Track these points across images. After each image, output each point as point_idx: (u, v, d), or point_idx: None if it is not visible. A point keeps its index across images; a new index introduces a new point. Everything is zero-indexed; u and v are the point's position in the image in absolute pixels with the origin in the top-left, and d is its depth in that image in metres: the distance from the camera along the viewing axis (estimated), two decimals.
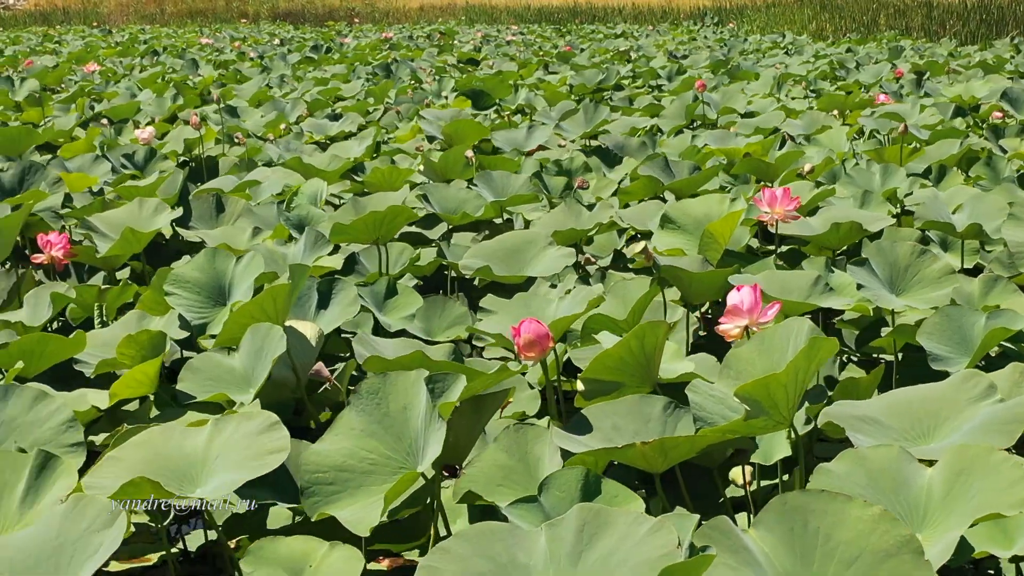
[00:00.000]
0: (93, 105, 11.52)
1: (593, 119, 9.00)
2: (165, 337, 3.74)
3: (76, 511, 2.22)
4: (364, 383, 2.89)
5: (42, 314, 4.49)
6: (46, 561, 2.17)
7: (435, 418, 2.76)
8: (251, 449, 2.82)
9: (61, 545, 2.19)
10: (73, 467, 2.66)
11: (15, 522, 2.62)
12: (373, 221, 5.04)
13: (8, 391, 3.24)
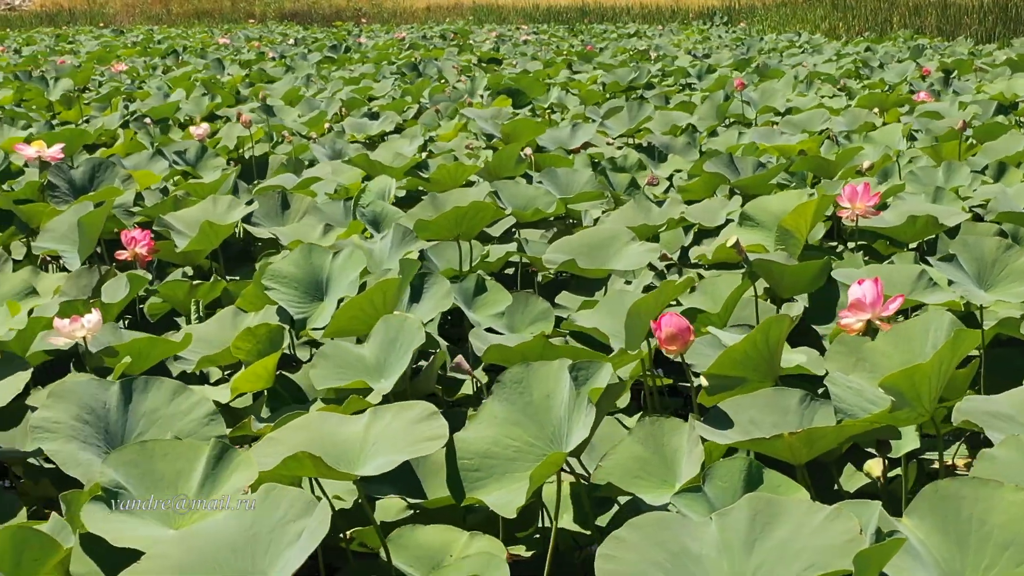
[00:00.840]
0: (127, 104, 11.54)
1: (637, 117, 9.03)
2: (284, 331, 3.77)
3: (268, 500, 2.25)
4: (507, 373, 2.92)
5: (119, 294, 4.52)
6: (241, 551, 2.19)
7: (583, 404, 2.78)
8: (410, 436, 2.86)
9: (256, 535, 2.21)
10: (251, 457, 2.68)
11: (191, 512, 2.65)
12: (456, 217, 5.06)
13: (148, 383, 3.27)
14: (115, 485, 2.62)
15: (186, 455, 2.73)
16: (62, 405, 3.17)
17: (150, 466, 2.70)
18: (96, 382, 3.27)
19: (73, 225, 5.02)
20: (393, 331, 3.69)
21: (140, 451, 2.72)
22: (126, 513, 2.59)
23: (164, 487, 2.68)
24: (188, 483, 2.70)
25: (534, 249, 5.37)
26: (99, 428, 3.19)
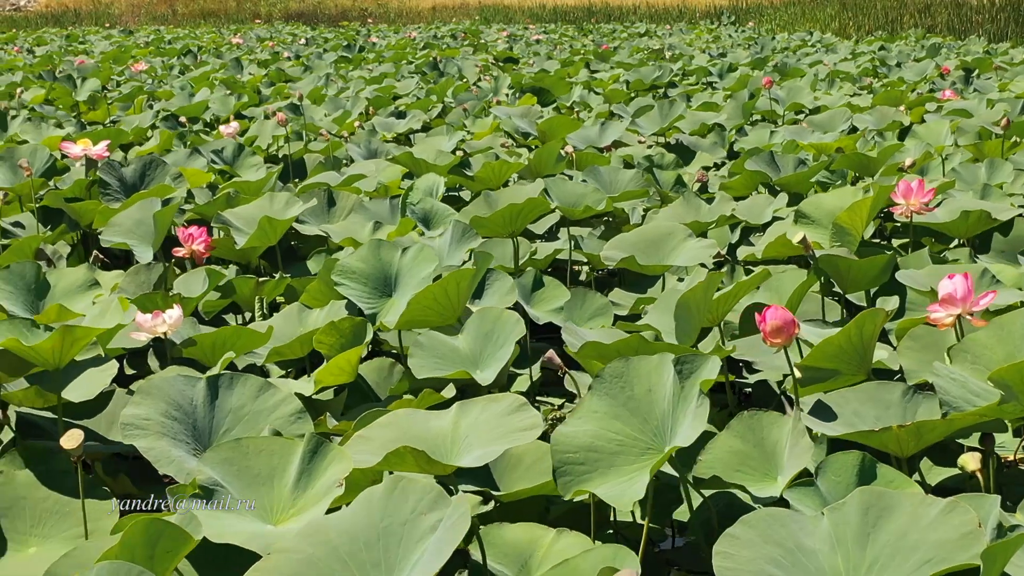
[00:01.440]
0: (151, 104, 11.56)
1: (669, 115, 9.05)
2: (366, 325, 3.79)
3: (397, 493, 2.26)
4: (608, 368, 2.94)
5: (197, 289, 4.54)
6: (373, 544, 2.20)
7: (690, 397, 2.80)
8: (502, 427, 2.88)
9: (387, 528, 2.22)
10: (346, 451, 2.70)
11: (288, 506, 2.67)
12: (511, 214, 5.09)
13: (234, 380, 3.29)
14: (212, 483, 2.64)
15: (280, 451, 2.74)
16: (150, 402, 3.19)
17: (245, 463, 2.72)
18: (183, 379, 3.29)
19: (137, 220, 5.04)
20: (489, 324, 3.72)
21: (235, 448, 2.73)
22: (224, 510, 2.60)
23: (260, 483, 2.70)
24: (283, 479, 2.71)
25: (588, 246, 5.39)
26: (187, 425, 3.21)
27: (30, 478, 3.19)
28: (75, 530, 3.10)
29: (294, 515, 2.63)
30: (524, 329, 3.70)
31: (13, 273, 4.13)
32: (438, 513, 2.20)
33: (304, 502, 2.65)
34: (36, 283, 4.18)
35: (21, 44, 24.64)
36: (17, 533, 3.12)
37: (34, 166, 6.41)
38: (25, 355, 3.25)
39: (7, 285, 4.09)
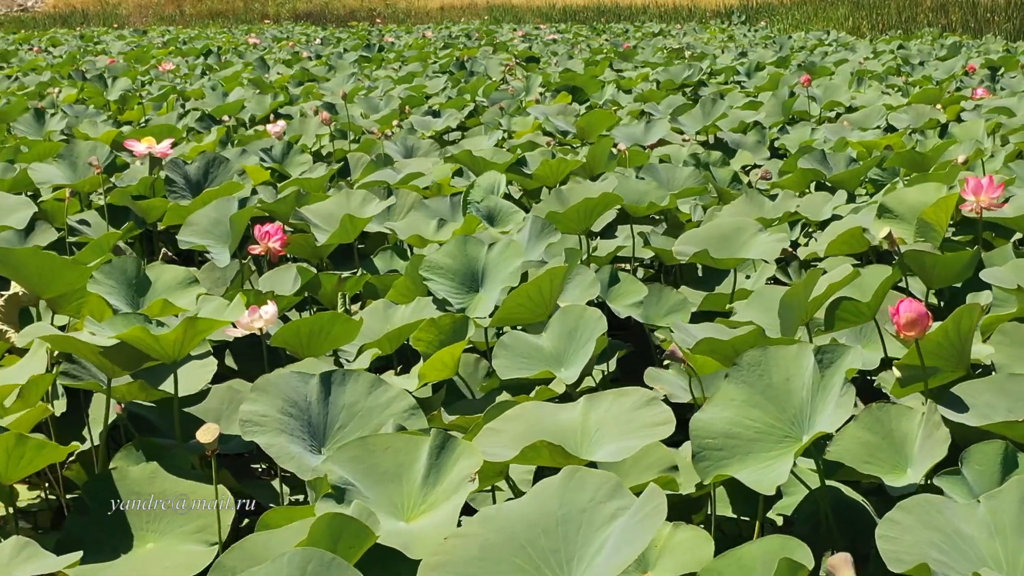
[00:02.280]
0: (183, 104, 11.57)
1: (711, 113, 9.07)
2: (467, 321, 3.80)
3: (573, 483, 2.27)
4: (745, 356, 2.95)
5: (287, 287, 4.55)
6: (551, 532, 2.22)
7: (831, 386, 2.81)
8: (634, 422, 2.89)
9: (565, 516, 2.23)
10: (475, 446, 2.71)
11: (419, 502, 2.67)
12: (585, 210, 5.10)
13: (346, 377, 3.30)
14: (343, 482, 2.65)
15: (406, 448, 2.75)
16: (266, 399, 3.20)
17: (372, 461, 2.73)
18: (296, 376, 3.30)
19: (214, 220, 5.06)
20: (572, 322, 3.72)
21: (361, 446, 2.74)
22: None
23: (388, 480, 2.71)
24: (411, 475, 2.72)
25: (657, 242, 5.41)
26: (303, 421, 3.23)
27: (145, 473, 3.20)
28: (193, 525, 3.10)
29: (425, 511, 2.64)
30: (606, 326, 3.69)
31: (114, 268, 4.14)
32: (617, 502, 2.22)
33: (435, 498, 2.66)
34: (136, 278, 4.19)
35: (35, 44, 24.65)
36: (136, 529, 3.12)
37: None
38: (147, 347, 3.26)
39: (109, 279, 4.10)
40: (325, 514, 2.13)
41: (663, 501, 2.09)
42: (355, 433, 3.24)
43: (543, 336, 3.78)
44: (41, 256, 4.01)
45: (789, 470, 2.72)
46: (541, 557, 2.20)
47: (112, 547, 3.04)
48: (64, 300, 4.17)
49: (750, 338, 3.41)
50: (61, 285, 4.08)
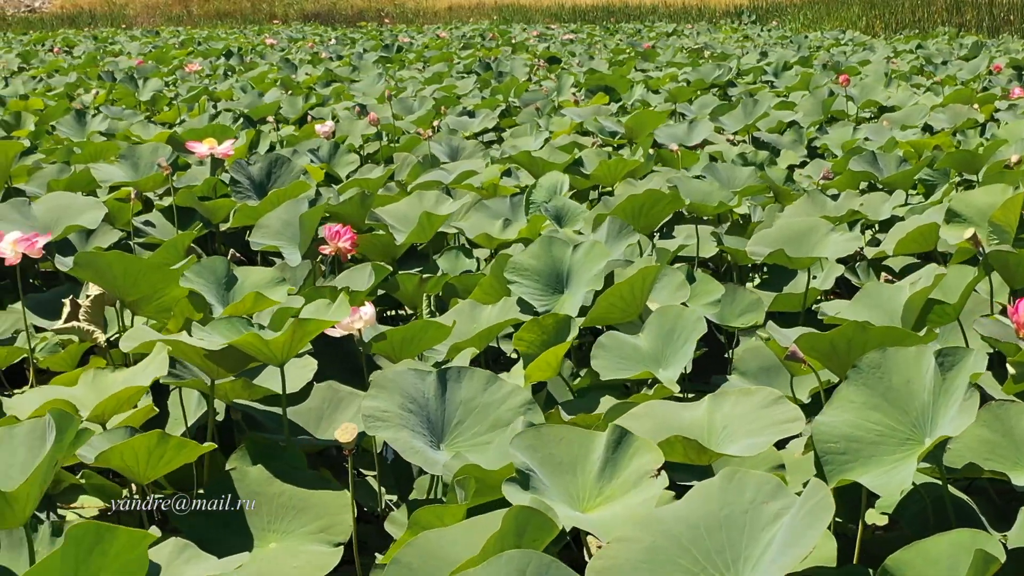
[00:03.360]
0: (215, 104, 11.59)
1: (753, 113, 9.10)
2: (570, 322, 3.81)
3: (733, 484, 2.29)
4: (864, 359, 2.96)
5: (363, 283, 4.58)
6: (714, 532, 2.24)
7: (957, 389, 2.82)
8: (762, 420, 2.92)
9: (728, 516, 2.25)
10: (651, 442, 2.73)
11: (595, 494, 2.70)
12: (644, 209, 5.13)
13: (461, 374, 3.33)
14: (525, 467, 2.67)
15: (580, 440, 2.78)
16: (386, 395, 3.22)
17: (548, 451, 2.75)
18: (414, 372, 3.33)
19: (285, 222, 5.08)
20: (669, 322, 3.74)
21: (536, 436, 2.77)
22: (535, 494, 2.64)
23: (564, 471, 2.74)
24: (587, 467, 2.75)
25: (728, 241, 5.43)
26: (422, 417, 3.25)
27: (263, 473, 3.22)
28: (314, 524, 3.13)
29: (602, 503, 2.67)
30: (705, 327, 3.71)
31: (204, 268, 4.16)
32: (779, 502, 2.24)
33: (611, 491, 2.68)
34: (226, 278, 4.21)
35: (50, 45, 24.67)
36: (256, 529, 3.15)
37: (154, 165, 6.43)
38: (256, 351, 3.28)
39: (199, 278, 4.12)
40: (512, 507, 2.16)
41: (827, 496, 2.11)
42: (473, 429, 3.27)
43: (640, 336, 3.80)
44: (127, 259, 4.03)
45: (913, 474, 2.74)
46: (707, 558, 2.22)
47: (235, 547, 3.06)
48: (144, 302, 4.19)
49: (848, 332, 3.40)
50: (145, 287, 4.10)
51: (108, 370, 3.45)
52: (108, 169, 6.51)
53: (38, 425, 2.78)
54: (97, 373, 3.43)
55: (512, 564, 2.03)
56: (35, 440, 2.75)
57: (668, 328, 3.74)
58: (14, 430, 2.79)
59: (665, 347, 3.73)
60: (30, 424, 2.80)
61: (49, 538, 2.73)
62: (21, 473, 2.65)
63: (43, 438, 2.74)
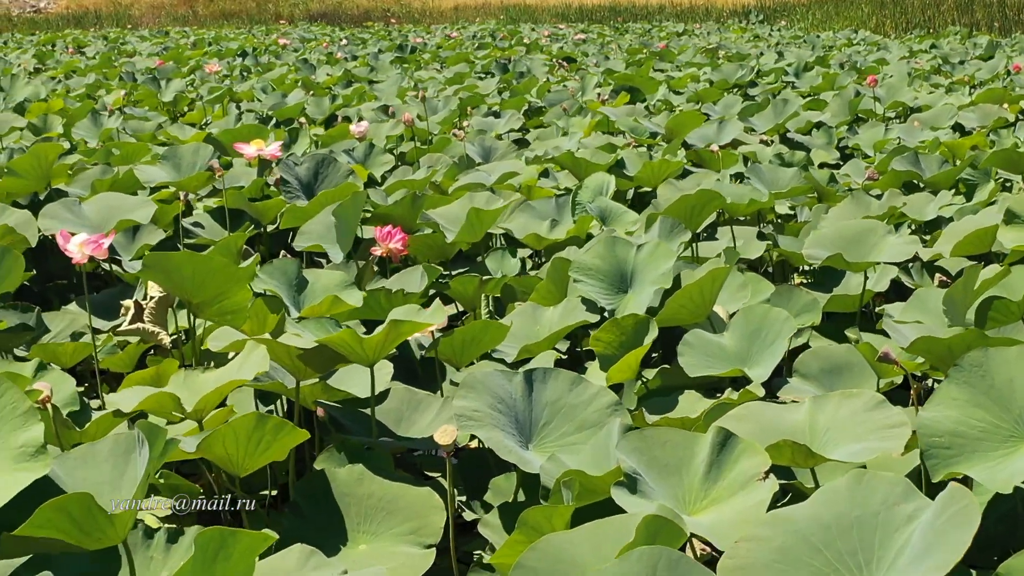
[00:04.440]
0: (238, 105, 11.59)
1: (783, 113, 9.10)
2: (649, 323, 3.81)
3: (863, 486, 2.29)
4: (966, 357, 2.96)
5: (415, 285, 4.58)
6: (847, 533, 2.24)
7: None
8: (867, 424, 2.92)
9: (860, 518, 2.25)
10: (756, 444, 2.72)
11: (700, 497, 2.70)
12: (692, 210, 5.13)
13: (547, 375, 3.34)
14: (632, 471, 2.67)
15: (684, 443, 2.78)
16: (475, 395, 3.23)
17: (652, 453, 2.75)
18: (500, 373, 3.34)
19: (330, 223, 5.08)
20: (755, 322, 3.75)
21: (641, 438, 2.77)
22: (643, 498, 2.64)
23: (669, 473, 2.74)
24: (691, 469, 2.75)
25: (783, 243, 5.42)
26: (511, 417, 3.26)
27: (352, 475, 3.22)
28: (405, 526, 3.12)
29: (708, 506, 2.67)
30: (795, 327, 3.73)
31: (276, 269, 4.16)
32: (912, 504, 2.24)
33: (718, 493, 2.69)
34: (297, 280, 4.21)
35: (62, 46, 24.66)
36: (344, 530, 3.15)
37: (196, 165, 6.43)
38: (348, 350, 3.28)
39: (272, 279, 4.12)
40: (646, 516, 2.16)
41: (972, 502, 2.11)
42: (560, 429, 3.28)
43: (724, 336, 3.81)
44: (197, 259, 4.02)
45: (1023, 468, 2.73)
46: (839, 559, 2.22)
47: (326, 549, 3.05)
48: (207, 304, 4.18)
49: (967, 337, 3.40)
50: (213, 288, 4.08)
51: (199, 370, 3.44)
52: (151, 170, 6.51)
53: (120, 441, 2.76)
54: (188, 373, 3.43)
55: (643, 561, 2.03)
56: (119, 456, 2.74)
57: (754, 327, 3.76)
58: (96, 446, 2.77)
59: (751, 346, 3.75)
60: (112, 439, 2.78)
61: (142, 541, 2.72)
62: (111, 489, 2.64)
63: (127, 453, 2.73)
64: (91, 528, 2.32)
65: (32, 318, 4.68)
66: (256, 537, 2.20)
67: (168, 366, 3.88)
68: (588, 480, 2.77)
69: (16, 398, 2.57)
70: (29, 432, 2.53)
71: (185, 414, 3.27)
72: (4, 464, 2.50)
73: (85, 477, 2.61)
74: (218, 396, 3.22)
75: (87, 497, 2.24)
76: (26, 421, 2.55)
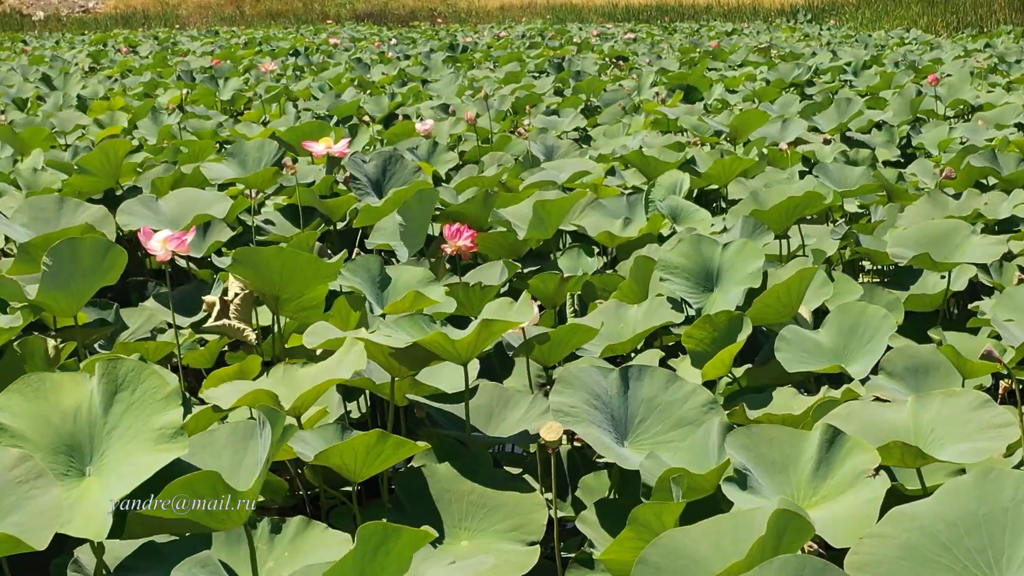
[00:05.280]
0: (295, 104, 11.63)
1: (847, 112, 9.04)
2: (742, 319, 3.79)
3: (988, 483, 2.26)
4: None
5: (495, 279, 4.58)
6: (975, 531, 2.21)
7: None
8: (972, 423, 2.89)
9: (988, 515, 2.22)
10: (863, 442, 2.70)
11: (810, 494, 2.69)
12: (789, 207, 5.09)
13: (642, 372, 3.32)
14: (742, 467, 2.65)
15: (791, 440, 2.76)
16: (572, 391, 3.21)
17: (759, 450, 2.74)
18: (596, 370, 3.32)
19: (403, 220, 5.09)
20: (851, 319, 3.73)
21: (748, 435, 2.75)
22: (753, 494, 2.63)
23: (777, 470, 2.72)
24: (799, 466, 2.73)
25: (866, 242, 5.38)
26: (606, 414, 3.25)
27: (451, 471, 3.22)
28: (506, 523, 3.12)
29: (818, 503, 2.65)
30: (894, 325, 3.70)
31: (359, 266, 4.16)
32: None
33: (827, 491, 2.67)
34: (379, 276, 4.22)
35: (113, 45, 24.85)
36: (447, 526, 3.14)
37: (262, 161, 6.45)
38: (441, 349, 3.28)
39: (355, 276, 4.13)
40: (776, 510, 2.13)
41: None
42: (656, 427, 3.26)
43: (820, 332, 3.79)
44: (286, 254, 4.03)
45: None
46: (967, 557, 2.19)
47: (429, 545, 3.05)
48: (287, 301, 4.19)
49: None
50: (299, 284, 4.10)
51: (297, 365, 3.45)
52: (216, 167, 6.54)
53: (239, 428, 2.79)
54: (287, 368, 3.44)
55: (786, 570, 2.01)
56: (237, 442, 2.77)
57: (851, 324, 3.74)
58: (214, 433, 2.81)
59: (848, 342, 3.73)
60: (230, 426, 2.82)
61: (268, 534, 2.75)
62: (230, 475, 2.65)
63: (244, 440, 2.76)
64: (216, 508, 2.34)
65: (111, 314, 4.71)
66: (417, 534, 2.20)
67: (252, 362, 3.90)
68: (692, 478, 2.75)
69: (158, 383, 2.65)
70: (169, 414, 2.61)
71: (284, 411, 3.28)
72: (145, 445, 2.58)
73: (204, 463, 2.63)
74: (316, 394, 3.23)
75: (214, 475, 2.26)
76: (167, 405, 2.63)
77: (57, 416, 2.68)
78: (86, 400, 2.71)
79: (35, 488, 2.22)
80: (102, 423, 2.68)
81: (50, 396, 2.71)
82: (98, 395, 2.70)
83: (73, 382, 2.75)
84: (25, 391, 2.70)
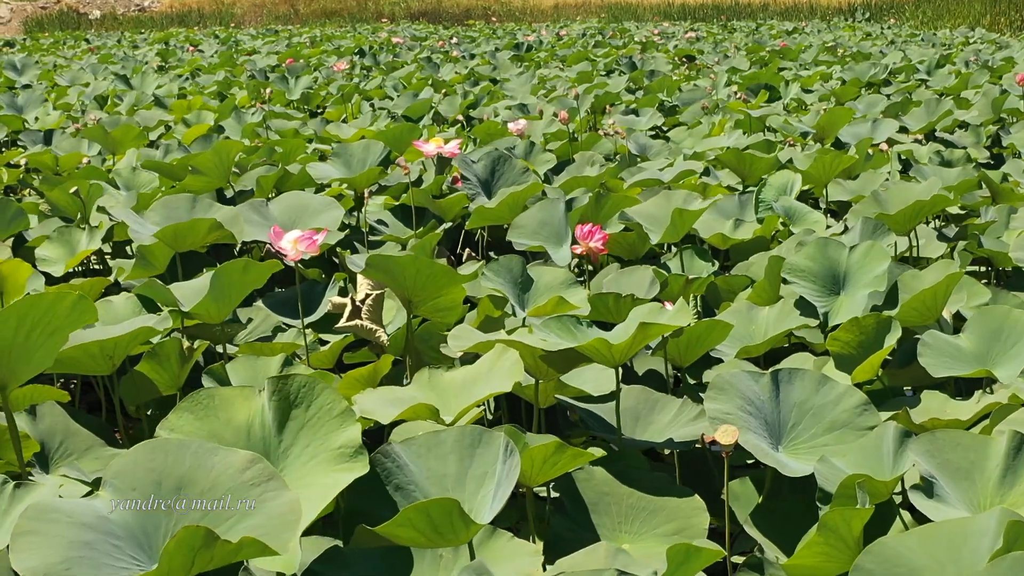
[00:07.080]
0: (372, 103, 11.69)
1: (935, 111, 8.98)
2: (891, 322, 3.77)
3: None
4: None
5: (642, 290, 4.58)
6: None
7: None
8: None
9: None
10: None
11: (995, 501, 2.67)
12: (916, 209, 5.07)
13: (792, 375, 3.31)
14: (928, 474, 2.65)
15: (975, 446, 2.75)
16: (726, 397, 3.21)
17: (943, 456, 2.73)
18: (747, 375, 3.31)
19: (541, 221, 5.10)
20: (995, 322, 3.71)
21: (932, 441, 2.74)
22: (939, 502, 2.62)
23: (961, 477, 2.71)
24: (985, 473, 2.72)
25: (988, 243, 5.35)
26: (760, 419, 3.24)
27: (605, 474, 3.22)
28: (666, 527, 3.11)
29: (1006, 504, 2.64)
30: None
31: (501, 266, 4.18)
32: None
33: (1015, 499, 2.65)
34: (522, 278, 4.23)
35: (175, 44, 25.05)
36: (606, 529, 3.15)
37: (367, 161, 6.48)
38: (595, 353, 3.28)
39: (497, 277, 4.15)
40: (1011, 520, 2.13)
41: None
42: (809, 431, 3.26)
43: (961, 337, 3.76)
44: (420, 262, 4.04)
45: None
46: None
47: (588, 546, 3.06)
48: (421, 302, 4.21)
49: None
50: (432, 289, 4.11)
51: (441, 370, 3.45)
52: (322, 167, 6.57)
53: (466, 433, 2.72)
54: (432, 373, 3.43)
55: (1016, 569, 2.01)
56: (464, 448, 2.70)
57: (994, 328, 3.71)
58: (440, 436, 2.73)
59: (991, 347, 3.69)
60: (457, 431, 2.74)
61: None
62: (455, 483, 2.62)
63: (471, 447, 2.69)
64: (446, 530, 2.34)
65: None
66: (713, 552, 2.36)
67: (384, 362, 3.92)
68: (872, 484, 2.75)
69: (332, 399, 2.60)
70: (346, 432, 2.56)
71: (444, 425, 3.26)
72: (325, 466, 2.53)
73: (431, 467, 2.61)
74: (475, 405, 3.23)
75: (452, 503, 2.26)
76: (343, 422, 2.57)
77: (230, 434, 2.66)
78: (257, 416, 2.68)
79: (268, 491, 2.19)
80: (276, 442, 2.65)
81: (220, 414, 2.68)
82: (270, 412, 2.66)
83: (243, 397, 2.71)
84: (195, 409, 2.67)
